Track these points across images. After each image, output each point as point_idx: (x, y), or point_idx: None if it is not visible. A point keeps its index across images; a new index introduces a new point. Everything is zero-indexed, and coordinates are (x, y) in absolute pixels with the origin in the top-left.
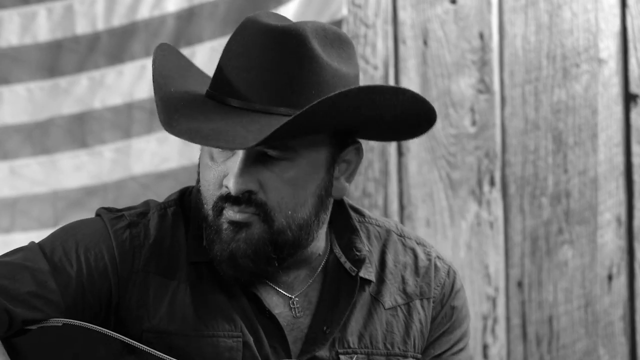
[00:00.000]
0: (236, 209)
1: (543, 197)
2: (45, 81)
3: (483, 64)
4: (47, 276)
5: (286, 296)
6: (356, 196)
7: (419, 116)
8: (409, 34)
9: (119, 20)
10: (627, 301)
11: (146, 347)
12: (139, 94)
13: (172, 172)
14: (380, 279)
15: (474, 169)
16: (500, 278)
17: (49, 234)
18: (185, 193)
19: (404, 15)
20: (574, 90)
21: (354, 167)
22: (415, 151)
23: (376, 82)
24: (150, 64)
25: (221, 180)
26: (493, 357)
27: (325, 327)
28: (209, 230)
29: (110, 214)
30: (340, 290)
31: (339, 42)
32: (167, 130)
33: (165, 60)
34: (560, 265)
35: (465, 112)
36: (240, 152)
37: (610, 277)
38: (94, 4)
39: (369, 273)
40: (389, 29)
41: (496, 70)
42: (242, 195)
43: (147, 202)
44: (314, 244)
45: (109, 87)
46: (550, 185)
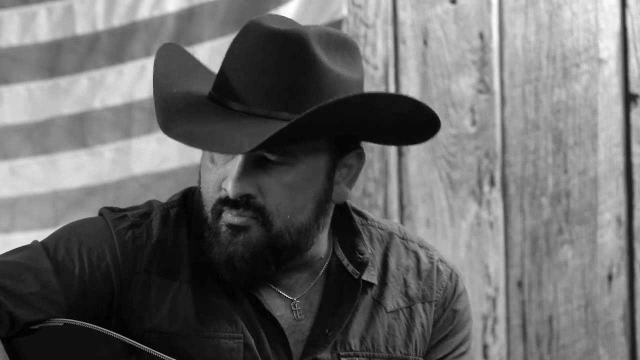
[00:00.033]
0: (234, 212)
1: (543, 197)
2: (45, 81)
3: (483, 64)
4: (50, 276)
5: (288, 298)
6: (356, 196)
7: (422, 123)
8: (409, 34)
9: (119, 20)
10: (627, 301)
11: (147, 348)
12: (139, 94)
13: (172, 172)
14: (383, 282)
15: (474, 169)
16: (500, 278)
17: (49, 234)
18: (188, 194)
19: (404, 15)
20: (574, 90)
21: (355, 172)
22: (415, 151)
23: (376, 82)
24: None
25: (220, 183)
26: (493, 357)
27: (327, 330)
28: (208, 232)
29: (113, 214)
30: (342, 293)
31: (344, 47)
32: (165, 133)
33: (169, 60)
34: (560, 265)
35: (465, 112)
36: (239, 156)
37: (610, 277)
38: (94, 4)
39: (372, 276)
40: (389, 29)
41: (496, 70)
42: (240, 199)
43: (150, 203)
44: (315, 248)
45: (109, 87)
46: (550, 185)
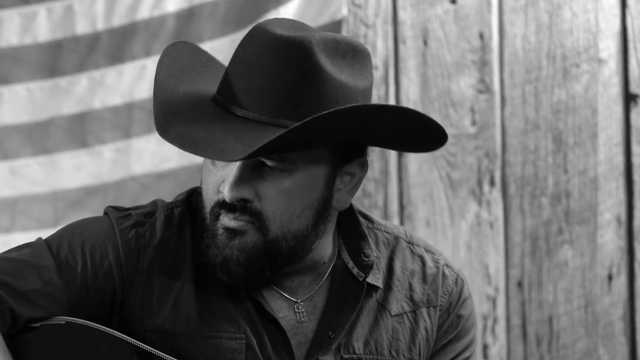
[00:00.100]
0: (231, 216)
1: (543, 197)
2: (45, 81)
3: (483, 64)
4: (53, 273)
5: (291, 300)
6: (356, 196)
7: (426, 135)
8: (409, 34)
9: (119, 20)
10: (627, 301)
11: (149, 347)
12: (139, 94)
13: (172, 172)
14: (388, 285)
15: (474, 169)
16: (500, 278)
17: (49, 234)
18: (193, 194)
19: (404, 15)
20: (574, 90)
21: (357, 181)
22: None
23: (376, 83)
24: (151, 63)
25: (219, 186)
26: (493, 357)
27: (330, 332)
28: (206, 234)
29: (117, 213)
30: (346, 295)
31: (352, 54)
32: (160, 135)
33: (180, 58)
34: (560, 265)
35: (465, 112)
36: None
37: (610, 277)
38: (94, 4)
39: (377, 279)
40: (389, 29)
41: (496, 70)
42: (237, 203)
43: (154, 202)
44: (317, 252)
45: (109, 87)
46: (550, 185)
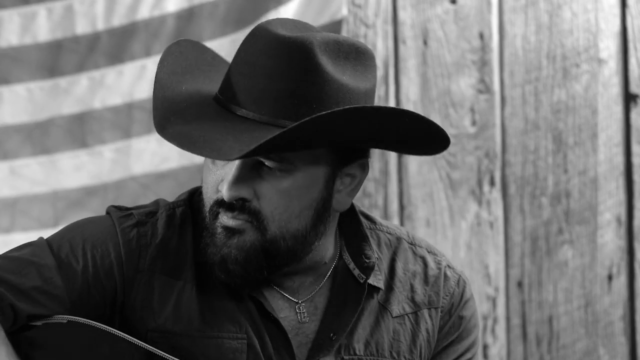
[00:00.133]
0: (230, 215)
1: (543, 197)
2: (45, 81)
3: (483, 64)
4: (53, 272)
5: (292, 301)
6: (356, 196)
7: (428, 137)
8: (409, 34)
9: (119, 20)
10: (627, 301)
11: (151, 347)
12: (139, 94)
13: (172, 172)
14: (389, 286)
15: (474, 169)
16: (500, 278)
17: (49, 234)
18: (195, 193)
19: (404, 15)
20: (574, 90)
21: (358, 182)
22: None
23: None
24: (151, 63)
25: (218, 185)
26: (493, 357)
27: (331, 334)
28: (205, 232)
29: (119, 212)
30: (347, 296)
31: (355, 55)
32: (159, 133)
33: (182, 57)
34: (560, 265)
35: (465, 112)
36: (237, 160)
37: (610, 277)
38: (94, 4)
39: (378, 280)
40: (389, 29)
41: (496, 70)
42: (235, 202)
43: (156, 202)
44: (318, 253)
45: (109, 87)
46: (550, 185)
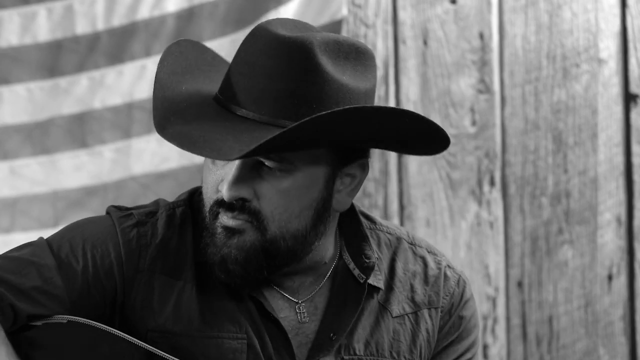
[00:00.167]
0: (230, 214)
1: (543, 197)
2: (45, 81)
3: (483, 64)
4: (53, 272)
5: (292, 301)
6: (356, 196)
7: (428, 137)
8: (409, 34)
9: (119, 20)
10: (627, 301)
11: (151, 347)
12: (139, 94)
13: (172, 172)
14: (389, 286)
15: (474, 169)
16: (500, 278)
17: (49, 234)
18: (195, 193)
19: (404, 15)
20: (574, 90)
21: (358, 182)
22: None
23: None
24: (151, 63)
25: (218, 185)
26: (493, 357)
27: (331, 334)
28: (205, 232)
29: (119, 212)
30: (347, 296)
31: (355, 55)
32: (159, 133)
33: (182, 57)
34: (560, 265)
35: (465, 112)
36: (237, 160)
37: (610, 277)
38: (94, 4)
39: (378, 280)
40: (389, 29)
41: (496, 70)
42: (235, 202)
43: (156, 202)
44: (318, 253)
45: (109, 87)
46: (550, 185)
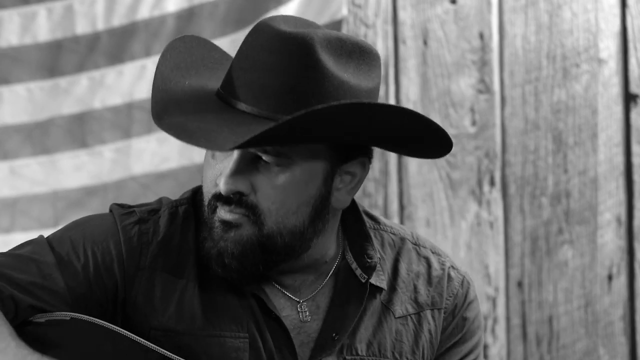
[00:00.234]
0: (227, 208)
1: (543, 197)
2: (45, 81)
3: (483, 64)
4: (53, 269)
5: (294, 300)
6: (356, 196)
7: (429, 139)
8: (409, 34)
9: (119, 20)
10: (627, 301)
11: (153, 345)
12: (139, 94)
13: (172, 172)
14: (392, 287)
15: (474, 169)
16: (500, 278)
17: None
18: (198, 192)
19: (404, 15)
20: (574, 90)
21: (358, 181)
22: None
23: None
24: (151, 63)
25: (216, 179)
26: (493, 357)
27: (334, 334)
28: (204, 227)
29: (121, 210)
30: (350, 296)
31: (359, 54)
32: (156, 123)
33: (187, 53)
34: (560, 265)
35: (465, 112)
36: (235, 153)
37: (610, 277)
38: (94, 4)
39: (381, 280)
40: (389, 29)
41: (496, 70)
42: (232, 196)
43: (160, 200)
44: (318, 251)
45: (109, 87)
46: (550, 185)
